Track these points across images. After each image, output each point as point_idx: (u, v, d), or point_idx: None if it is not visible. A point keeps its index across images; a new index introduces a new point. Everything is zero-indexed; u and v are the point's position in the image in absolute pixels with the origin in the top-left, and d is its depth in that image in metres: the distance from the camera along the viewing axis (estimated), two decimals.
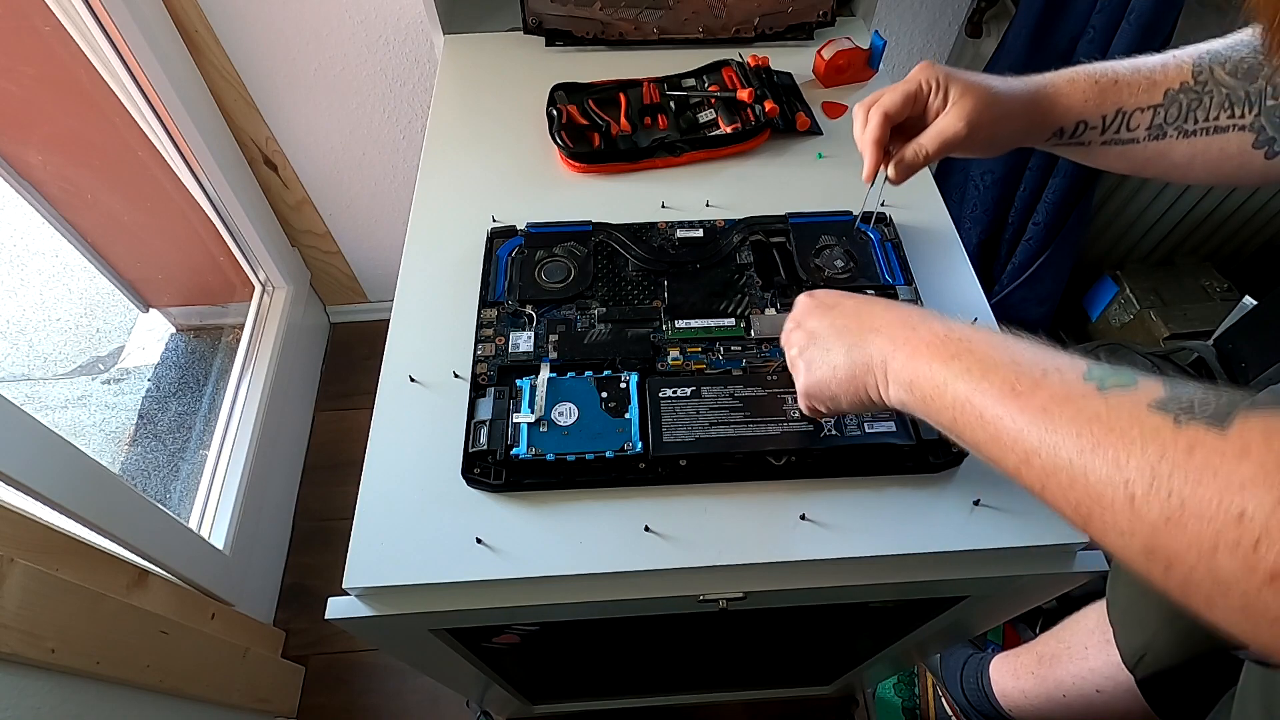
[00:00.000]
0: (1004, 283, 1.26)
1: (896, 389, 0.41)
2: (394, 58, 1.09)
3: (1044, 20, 1.00)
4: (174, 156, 1.11)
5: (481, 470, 0.51)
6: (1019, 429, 0.33)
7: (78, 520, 0.74)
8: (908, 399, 0.41)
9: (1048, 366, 0.34)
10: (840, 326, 0.45)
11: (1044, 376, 0.34)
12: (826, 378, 0.45)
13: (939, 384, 0.38)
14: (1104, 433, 0.30)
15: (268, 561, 1.22)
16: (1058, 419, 0.32)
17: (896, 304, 0.45)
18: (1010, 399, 0.34)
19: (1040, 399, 0.33)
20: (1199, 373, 1.07)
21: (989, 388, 0.35)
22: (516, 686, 0.87)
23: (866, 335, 0.43)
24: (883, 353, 0.42)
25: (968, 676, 1.00)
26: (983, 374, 0.36)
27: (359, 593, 0.49)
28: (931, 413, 0.39)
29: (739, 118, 0.75)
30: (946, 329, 0.40)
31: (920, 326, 0.41)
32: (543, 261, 0.62)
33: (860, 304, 0.46)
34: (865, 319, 0.44)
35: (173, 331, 1.50)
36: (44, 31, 0.96)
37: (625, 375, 0.55)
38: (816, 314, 0.47)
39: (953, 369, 0.38)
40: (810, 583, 0.50)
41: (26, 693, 0.63)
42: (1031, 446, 0.33)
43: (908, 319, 0.42)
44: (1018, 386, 0.34)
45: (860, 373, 0.43)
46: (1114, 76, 0.53)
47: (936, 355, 0.39)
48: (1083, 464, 0.30)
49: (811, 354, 0.46)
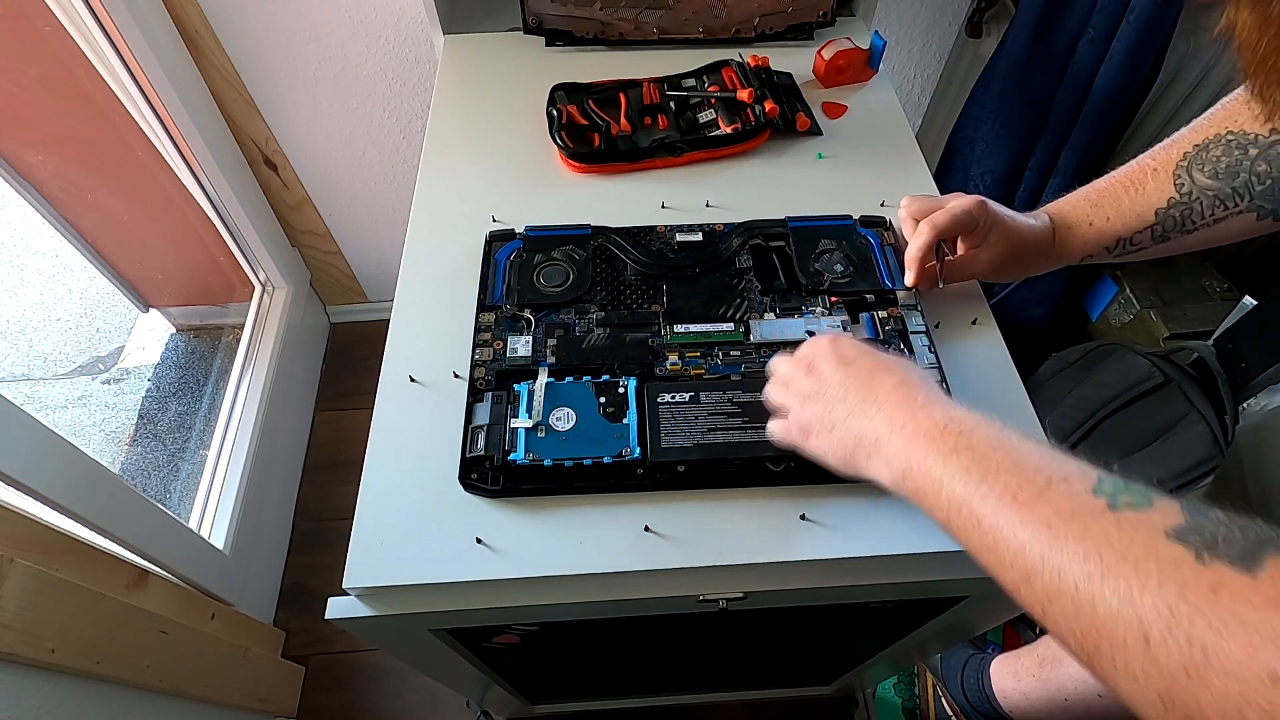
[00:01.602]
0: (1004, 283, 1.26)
1: (889, 473, 0.40)
2: (394, 58, 1.09)
3: (1044, 20, 1.00)
4: (174, 156, 1.11)
5: (479, 476, 0.51)
6: (1020, 543, 0.31)
7: (78, 520, 0.74)
8: (900, 487, 0.39)
9: (1054, 474, 0.32)
10: (848, 386, 0.43)
11: (1049, 485, 0.32)
12: (820, 435, 0.44)
13: (934, 479, 0.36)
14: (1115, 559, 0.27)
15: (268, 561, 1.22)
16: (1063, 537, 0.29)
17: (908, 376, 0.43)
18: (1011, 508, 0.32)
19: (1044, 511, 0.31)
20: (1199, 373, 1.07)
21: (988, 492, 0.33)
22: (516, 686, 0.87)
23: (868, 407, 0.42)
24: (878, 431, 0.40)
25: (968, 677, 1.00)
26: (982, 476, 0.34)
27: (359, 593, 0.49)
28: (925, 507, 0.37)
29: (739, 118, 0.75)
30: (947, 417, 0.38)
31: (920, 411, 0.39)
32: (541, 265, 0.62)
33: (874, 368, 0.44)
34: (872, 388, 0.42)
35: (173, 331, 1.50)
36: (44, 31, 0.96)
37: (623, 380, 0.55)
38: (831, 363, 0.45)
39: (949, 465, 0.36)
40: (810, 583, 0.50)
41: (26, 693, 0.63)
42: (1033, 565, 0.30)
43: (910, 399, 0.40)
44: (1020, 494, 0.32)
45: (853, 444, 0.42)
46: (1105, 214, 0.56)
47: (933, 447, 0.37)
48: (1090, 593, 0.28)
49: (812, 407, 0.45)
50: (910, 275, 0.58)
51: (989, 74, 1.07)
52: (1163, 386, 1.05)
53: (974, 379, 0.57)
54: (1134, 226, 0.55)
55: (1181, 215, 0.53)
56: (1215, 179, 0.51)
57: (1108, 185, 0.57)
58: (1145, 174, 0.55)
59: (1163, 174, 0.54)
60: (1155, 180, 0.54)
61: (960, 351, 0.59)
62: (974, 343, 0.60)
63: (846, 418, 0.42)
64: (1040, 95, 1.06)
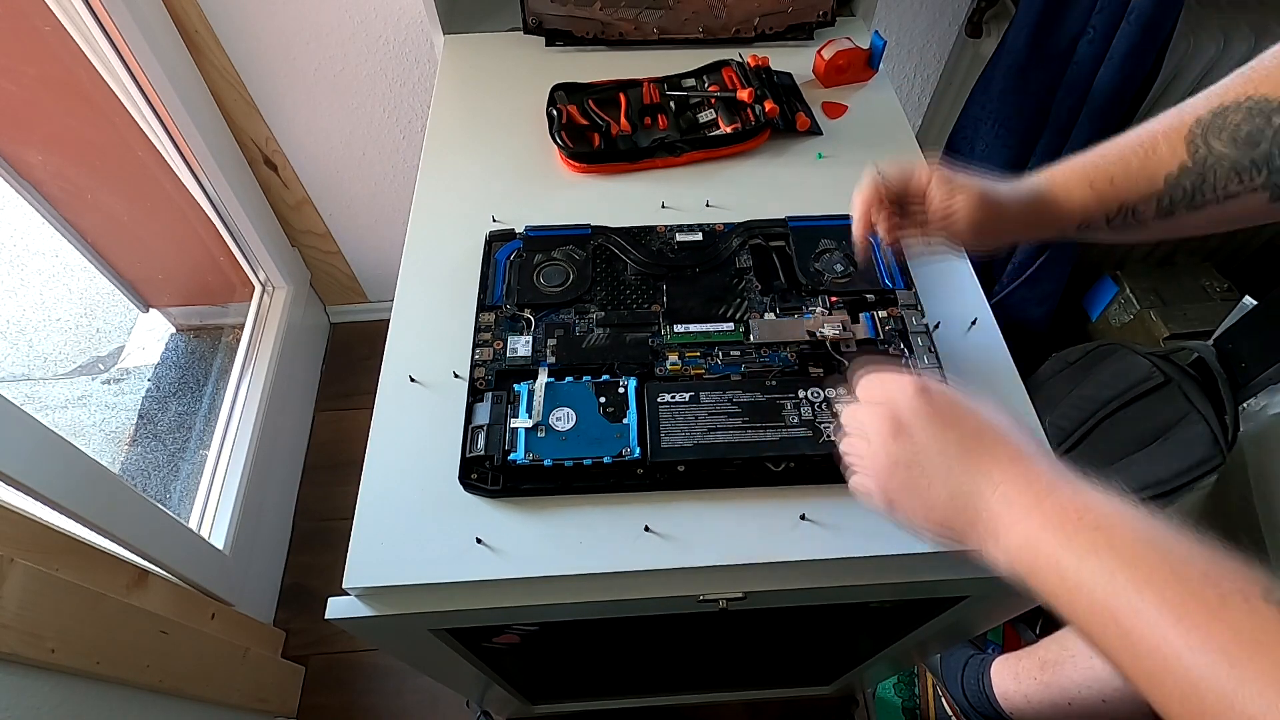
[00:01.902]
0: (1004, 283, 1.26)
1: (1006, 560, 0.35)
2: (394, 58, 1.08)
3: (1044, 20, 1.00)
4: (174, 156, 1.11)
5: (479, 476, 0.51)
6: (1190, 674, 0.27)
7: (78, 520, 0.74)
8: (1022, 577, 0.34)
9: (1225, 587, 0.27)
10: (951, 457, 0.37)
11: (1222, 604, 0.27)
12: (915, 511, 0.39)
13: (1069, 584, 0.31)
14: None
15: (268, 561, 1.22)
16: (1247, 670, 0.25)
17: (1021, 442, 0.37)
18: (1177, 631, 0.27)
19: (1221, 636, 0.26)
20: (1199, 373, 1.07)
21: (1143, 606, 0.28)
22: (516, 686, 0.87)
23: (981, 485, 0.36)
24: (994, 516, 0.35)
25: (968, 677, 1.00)
26: (1135, 584, 0.29)
27: (359, 593, 0.49)
28: (1058, 609, 0.33)
29: (739, 118, 0.75)
30: (1079, 504, 0.33)
31: (1046, 496, 0.34)
32: (541, 265, 0.62)
33: (980, 430, 0.38)
34: (984, 461, 0.36)
35: (173, 331, 1.50)
36: (44, 31, 0.96)
37: (623, 380, 0.55)
38: (924, 422, 0.38)
39: (1089, 566, 0.31)
40: (810, 583, 0.50)
41: (26, 693, 0.63)
42: (1209, 703, 0.26)
43: (1031, 474, 0.35)
44: (1185, 614, 0.27)
45: (960, 528, 0.37)
46: (1109, 174, 0.50)
47: (1069, 543, 0.32)
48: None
49: (904, 476, 0.38)
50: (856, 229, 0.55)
51: (989, 74, 1.07)
52: (1163, 386, 1.05)
53: (974, 379, 0.57)
54: (1139, 193, 0.49)
55: (1192, 186, 0.47)
56: (1233, 146, 0.46)
57: (1112, 147, 0.51)
58: (1156, 137, 0.49)
59: (1175, 138, 0.48)
60: (1167, 143, 0.48)
61: (960, 351, 0.59)
62: (974, 343, 0.60)
63: (951, 497, 0.37)
64: (1040, 95, 1.06)
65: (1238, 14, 1.06)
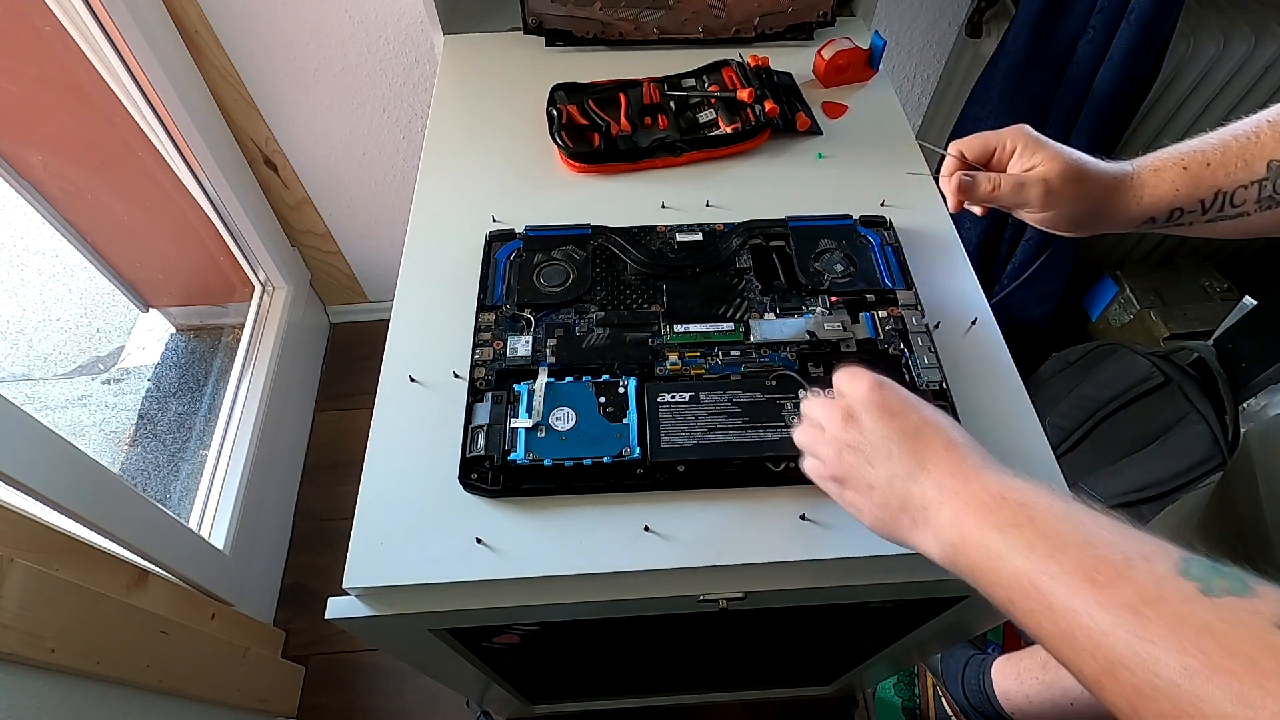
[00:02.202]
0: (1004, 283, 1.26)
1: (937, 546, 0.37)
2: (394, 58, 1.08)
3: (1044, 20, 1.00)
4: (174, 156, 1.11)
5: (479, 476, 0.51)
6: (1101, 630, 0.28)
7: (78, 520, 0.74)
8: (951, 562, 0.36)
9: (1131, 552, 0.29)
10: (892, 443, 0.40)
11: (1128, 565, 0.29)
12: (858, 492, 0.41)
13: (992, 555, 0.33)
14: (1221, 655, 0.25)
15: (268, 561, 1.22)
16: (1153, 625, 0.27)
17: (958, 438, 0.40)
18: (1088, 590, 0.29)
19: (1127, 594, 0.28)
20: (1199, 373, 1.07)
21: (1058, 571, 0.30)
22: (516, 686, 0.87)
23: (915, 471, 0.38)
24: (926, 498, 0.37)
25: (969, 677, 1.00)
26: (1049, 553, 0.31)
27: (359, 593, 0.49)
28: (980, 584, 0.35)
29: (739, 118, 0.75)
30: (1004, 486, 0.35)
31: (974, 479, 0.36)
32: (541, 265, 0.62)
33: (922, 425, 0.40)
34: (920, 448, 0.39)
35: (173, 331, 1.50)
36: (44, 31, 0.96)
37: (623, 380, 0.55)
38: (874, 414, 0.41)
39: (1010, 540, 0.33)
40: (810, 583, 0.50)
41: (26, 693, 0.63)
42: (1119, 656, 0.27)
43: (962, 463, 0.37)
44: (1097, 575, 0.29)
45: (895, 508, 0.39)
46: (1205, 159, 0.48)
47: (990, 518, 0.34)
48: (1194, 692, 0.25)
49: (850, 460, 0.41)
50: (950, 200, 0.55)
51: (989, 74, 1.07)
52: (1163, 386, 1.05)
53: (974, 379, 0.57)
54: (1237, 178, 0.47)
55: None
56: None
57: (1213, 134, 0.49)
58: (1261, 124, 0.47)
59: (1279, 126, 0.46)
60: (1272, 130, 0.46)
61: (960, 351, 0.59)
62: (974, 343, 0.60)
63: (890, 479, 0.39)
64: (1040, 95, 1.06)
65: (1237, 14, 1.06)
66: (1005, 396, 0.57)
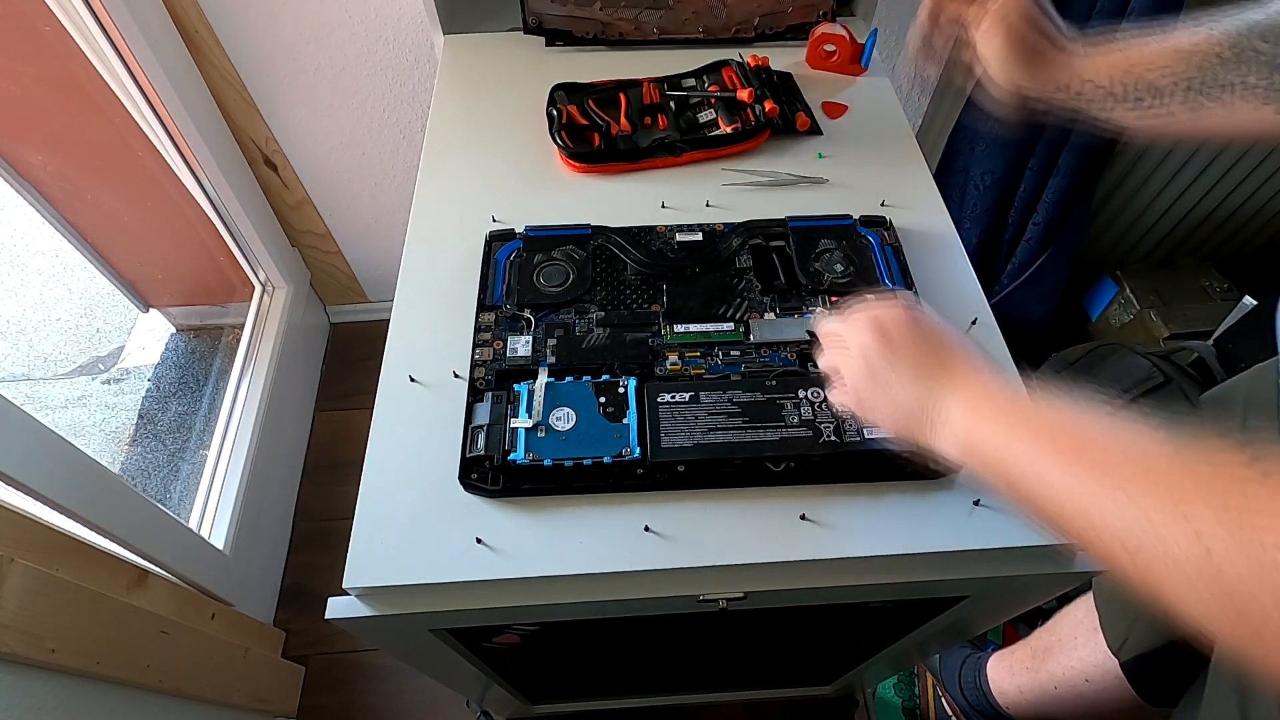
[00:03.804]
0: (1004, 283, 1.26)
1: (954, 446, 0.40)
2: (394, 58, 1.08)
3: None
4: (174, 156, 1.11)
5: (479, 476, 0.51)
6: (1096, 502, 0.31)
7: (78, 520, 0.74)
8: (965, 457, 0.39)
9: (1124, 438, 0.32)
10: (921, 353, 0.43)
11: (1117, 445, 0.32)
12: (880, 396, 0.43)
13: (1000, 446, 0.36)
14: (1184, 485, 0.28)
15: (268, 561, 1.22)
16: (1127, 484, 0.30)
17: (987, 362, 0.42)
18: (1086, 469, 0.32)
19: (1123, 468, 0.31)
20: (1199, 373, 1.07)
21: (1059, 457, 0.33)
22: (516, 686, 0.87)
23: (939, 376, 0.41)
24: (948, 406, 0.40)
25: (966, 676, 1.00)
26: (1052, 442, 0.34)
27: (359, 593, 0.49)
28: (989, 474, 0.37)
29: (739, 118, 0.75)
30: (1018, 396, 0.38)
31: (996, 393, 0.39)
32: (541, 265, 0.62)
33: (953, 345, 0.43)
34: (946, 361, 0.42)
35: (173, 331, 1.50)
36: (44, 31, 0.96)
37: (623, 380, 0.55)
38: (906, 330, 0.44)
39: (1018, 433, 0.36)
40: (810, 583, 0.50)
41: (26, 693, 0.63)
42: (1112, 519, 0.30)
43: (984, 377, 0.41)
44: (1096, 458, 0.32)
45: (919, 415, 0.41)
46: (1140, 47, 0.52)
47: (1003, 416, 0.37)
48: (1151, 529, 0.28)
49: (879, 366, 0.43)
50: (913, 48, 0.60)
51: None
52: (1163, 386, 1.05)
53: None
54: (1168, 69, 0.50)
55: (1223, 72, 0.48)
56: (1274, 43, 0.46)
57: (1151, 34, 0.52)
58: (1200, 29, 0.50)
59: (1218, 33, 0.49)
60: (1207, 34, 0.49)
61: None
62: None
63: (912, 382, 0.42)
64: None
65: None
66: None
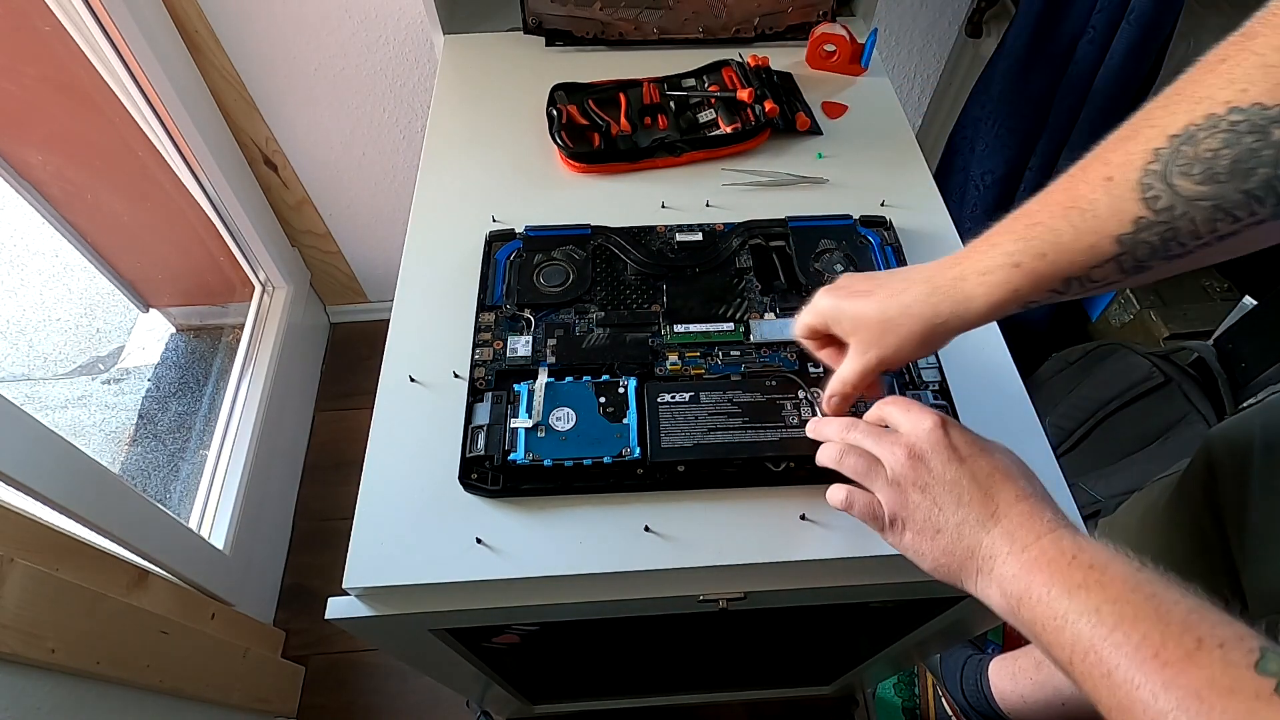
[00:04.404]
0: None
1: (1000, 597, 0.36)
2: (394, 58, 1.09)
3: (1044, 20, 1.00)
4: (174, 156, 1.11)
5: (479, 476, 0.51)
6: (1161, 711, 0.27)
7: (78, 520, 0.74)
8: (1013, 615, 0.35)
9: (1205, 636, 0.28)
10: (963, 489, 0.39)
11: (1199, 648, 0.28)
12: (920, 535, 0.40)
13: (1056, 615, 0.32)
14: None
15: (268, 561, 1.22)
16: (1214, 712, 0.26)
17: (1030, 488, 0.38)
18: (1153, 666, 0.28)
19: (1194, 679, 0.27)
20: (1199, 373, 1.07)
21: (1123, 641, 0.29)
22: (516, 686, 0.87)
23: (986, 519, 0.38)
24: (994, 548, 0.37)
25: (967, 677, 1.00)
26: (1116, 621, 0.30)
27: (359, 593, 0.49)
28: (1041, 641, 0.34)
29: (739, 118, 0.75)
30: (1075, 545, 0.34)
31: (1047, 535, 0.35)
32: (541, 265, 0.62)
33: (993, 471, 0.39)
34: (991, 495, 0.38)
35: (173, 331, 1.50)
36: (44, 31, 0.96)
37: (623, 380, 0.55)
38: (945, 456, 0.40)
39: (1077, 602, 0.32)
40: (810, 583, 0.50)
41: (26, 693, 0.63)
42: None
43: (1035, 516, 0.37)
44: (1163, 652, 0.28)
45: (961, 555, 0.38)
46: (1039, 248, 0.38)
47: (1058, 577, 0.33)
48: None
49: (916, 500, 0.40)
50: None
51: (989, 74, 1.07)
52: (1163, 386, 1.05)
53: (974, 379, 0.57)
54: (1084, 262, 0.37)
55: (1162, 239, 0.35)
56: (1213, 183, 0.32)
57: (1040, 208, 0.39)
58: (1095, 187, 0.36)
59: (1121, 184, 0.35)
60: (1109, 195, 0.35)
61: (960, 352, 0.58)
62: (974, 343, 0.60)
63: (960, 525, 0.38)
64: (1040, 95, 1.06)
65: (1237, 14, 1.05)
66: (1005, 396, 0.57)
